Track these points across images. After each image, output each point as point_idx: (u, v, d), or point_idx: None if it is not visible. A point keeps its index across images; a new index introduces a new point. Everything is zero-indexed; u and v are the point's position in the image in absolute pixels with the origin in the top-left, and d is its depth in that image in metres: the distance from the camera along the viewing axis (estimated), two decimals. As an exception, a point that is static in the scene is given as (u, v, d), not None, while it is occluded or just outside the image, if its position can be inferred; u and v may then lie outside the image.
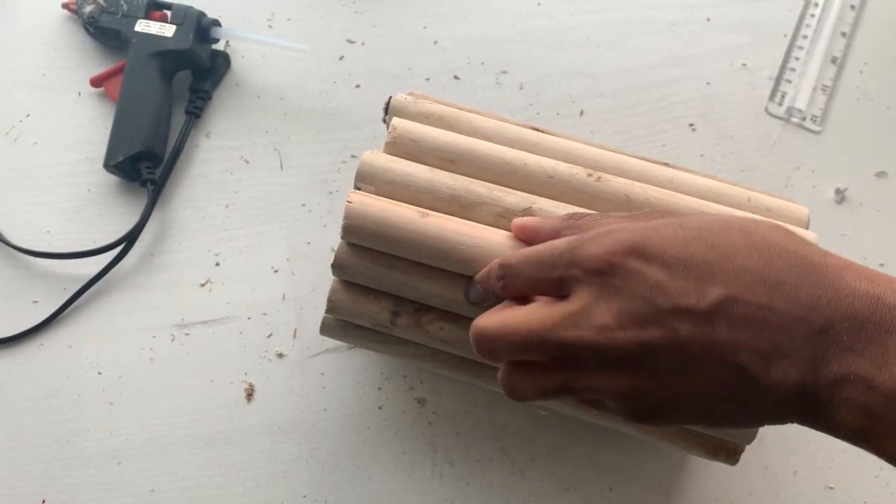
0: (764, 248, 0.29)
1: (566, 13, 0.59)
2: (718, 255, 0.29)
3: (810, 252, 0.29)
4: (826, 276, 0.28)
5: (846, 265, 0.29)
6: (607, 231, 0.30)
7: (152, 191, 0.52)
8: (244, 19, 0.58)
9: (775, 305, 0.28)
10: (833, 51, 0.57)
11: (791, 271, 0.28)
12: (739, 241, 0.29)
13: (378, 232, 0.37)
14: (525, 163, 0.40)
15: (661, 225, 0.30)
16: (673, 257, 0.28)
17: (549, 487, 0.47)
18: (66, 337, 0.50)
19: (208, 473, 0.47)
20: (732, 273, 0.28)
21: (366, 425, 0.48)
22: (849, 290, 0.28)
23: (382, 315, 0.39)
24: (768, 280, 0.28)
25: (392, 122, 0.41)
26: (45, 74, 0.56)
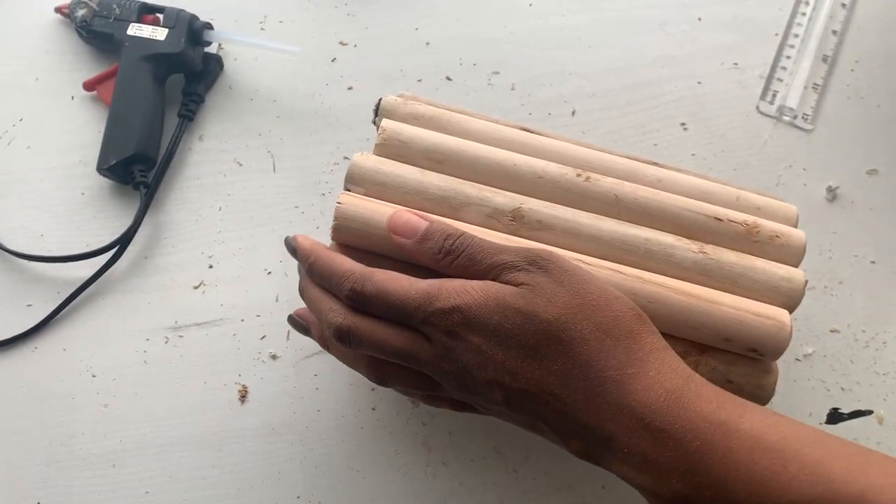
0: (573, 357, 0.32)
1: (558, 13, 0.59)
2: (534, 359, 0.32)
3: (612, 372, 0.32)
4: (616, 402, 0.31)
5: (641, 387, 0.31)
6: (449, 309, 0.33)
7: (145, 194, 0.52)
8: (236, 22, 0.58)
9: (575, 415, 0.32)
10: (824, 49, 0.57)
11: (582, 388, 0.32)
12: (546, 345, 0.32)
13: (367, 232, 0.37)
14: (514, 163, 0.40)
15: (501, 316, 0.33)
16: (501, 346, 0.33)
17: (542, 486, 0.47)
18: (60, 340, 0.50)
19: (202, 475, 0.47)
20: (535, 370, 0.32)
21: (359, 426, 0.48)
22: (631, 418, 0.31)
23: None
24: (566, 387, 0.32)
25: (381, 124, 0.41)
26: (38, 78, 0.57)
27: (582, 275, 0.33)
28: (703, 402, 0.30)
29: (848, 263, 0.51)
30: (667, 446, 0.30)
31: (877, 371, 0.49)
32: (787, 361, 0.49)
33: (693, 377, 0.32)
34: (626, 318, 0.33)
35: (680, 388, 0.31)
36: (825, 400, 0.49)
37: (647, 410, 0.30)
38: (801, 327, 0.50)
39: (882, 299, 0.51)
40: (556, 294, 0.32)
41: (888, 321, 0.50)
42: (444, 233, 0.35)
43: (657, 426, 0.30)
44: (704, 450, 0.29)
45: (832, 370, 0.49)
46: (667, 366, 0.32)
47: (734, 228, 0.40)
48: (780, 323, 0.37)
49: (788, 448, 0.29)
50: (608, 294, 0.33)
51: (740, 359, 0.38)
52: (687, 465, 0.29)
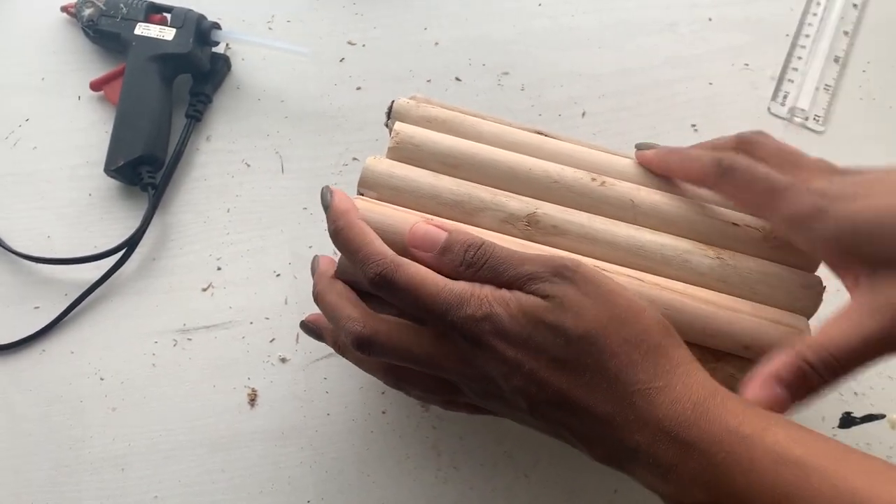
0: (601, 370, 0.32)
1: (567, 14, 0.59)
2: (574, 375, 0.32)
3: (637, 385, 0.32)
4: (644, 415, 0.31)
5: (668, 400, 0.31)
6: (480, 318, 0.33)
7: (153, 195, 0.51)
8: (244, 22, 0.58)
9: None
10: (835, 50, 0.57)
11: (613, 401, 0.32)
12: (575, 359, 0.32)
13: (385, 238, 0.37)
14: (529, 168, 0.40)
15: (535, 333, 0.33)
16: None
17: (553, 491, 0.46)
18: (68, 343, 0.50)
19: (212, 479, 0.47)
20: (574, 384, 0.32)
21: (369, 430, 0.48)
22: (658, 430, 0.31)
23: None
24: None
25: (395, 128, 0.40)
26: (45, 78, 0.56)
27: (608, 285, 0.33)
28: (729, 415, 0.30)
29: (860, 266, 0.51)
30: (692, 458, 0.30)
31: (889, 375, 0.49)
32: (799, 365, 0.49)
33: (718, 390, 0.32)
34: (654, 332, 0.33)
35: (706, 400, 0.31)
36: (838, 404, 0.48)
37: (673, 423, 0.30)
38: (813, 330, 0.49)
39: (894, 303, 0.50)
40: (585, 308, 0.32)
41: (900, 325, 0.50)
42: (464, 244, 0.35)
43: (683, 438, 0.30)
44: (729, 462, 0.29)
45: (844, 374, 0.49)
46: (693, 379, 0.32)
47: (751, 234, 0.39)
48: (798, 330, 0.37)
49: (812, 462, 0.29)
50: (636, 306, 0.33)
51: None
52: (711, 476, 0.30)
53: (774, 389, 0.33)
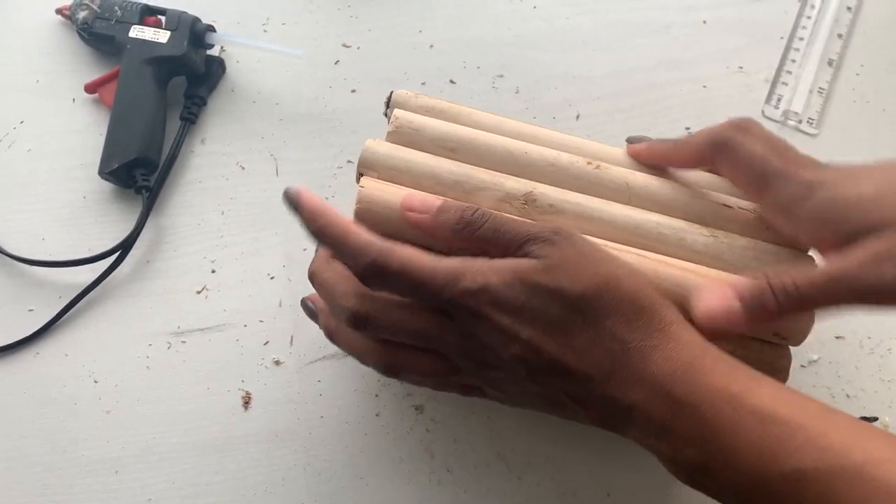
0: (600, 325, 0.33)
1: (562, 16, 0.59)
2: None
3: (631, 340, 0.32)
4: (638, 372, 0.32)
5: (661, 358, 0.32)
6: (476, 290, 0.33)
7: (147, 198, 0.52)
8: (239, 24, 0.58)
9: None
10: (829, 53, 0.57)
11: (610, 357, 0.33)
12: (572, 321, 0.33)
13: (391, 216, 0.37)
14: (525, 151, 0.40)
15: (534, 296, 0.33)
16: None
17: (546, 493, 0.46)
18: (62, 345, 0.50)
19: (206, 482, 0.47)
20: (560, 345, 0.33)
21: (363, 432, 0.48)
22: (652, 387, 0.32)
23: None
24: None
25: (394, 112, 0.41)
26: (39, 80, 0.56)
27: (602, 249, 0.35)
28: (718, 374, 0.32)
29: (853, 269, 0.51)
30: (683, 415, 0.31)
31: (882, 378, 0.49)
32: (793, 368, 0.49)
33: (709, 350, 0.33)
34: (647, 291, 0.33)
35: (697, 359, 0.32)
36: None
37: (666, 379, 0.31)
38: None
39: (887, 305, 0.50)
40: (581, 267, 0.33)
41: (893, 328, 0.50)
42: (460, 206, 0.36)
43: (675, 395, 0.31)
44: (717, 420, 0.31)
45: (837, 377, 0.49)
46: (685, 338, 0.33)
47: (744, 216, 0.40)
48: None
49: (795, 420, 0.30)
50: (628, 267, 0.34)
51: (756, 342, 0.38)
52: (700, 434, 0.31)
53: (731, 301, 0.35)
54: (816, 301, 0.34)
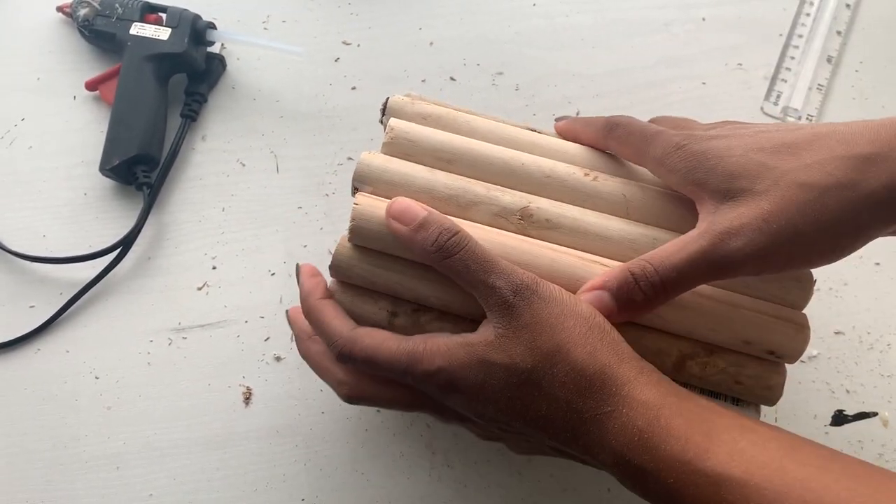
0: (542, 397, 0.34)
1: (562, 14, 0.59)
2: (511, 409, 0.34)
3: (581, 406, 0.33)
4: (598, 440, 0.33)
5: (617, 426, 0.32)
6: (434, 371, 0.35)
7: (148, 194, 0.52)
8: (239, 22, 0.58)
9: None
10: (828, 50, 0.57)
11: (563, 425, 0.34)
12: (529, 395, 0.34)
13: (385, 233, 0.37)
14: (522, 163, 0.40)
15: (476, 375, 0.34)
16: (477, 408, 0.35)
17: (547, 489, 0.47)
18: (63, 342, 0.50)
19: (207, 478, 0.47)
20: (525, 416, 0.34)
21: (364, 428, 0.48)
22: (613, 455, 0.33)
23: (380, 315, 0.39)
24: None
25: (389, 124, 0.41)
26: (40, 78, 0.56)
27: (560, 305, 0.34)
28: (672, 439, 0.31)
29: (853, 265, 0.51)
30: (648, 479, 0.32)
31: (881, 373, 0.49)
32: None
33: (662, 410, 0.32)
34: (600, 353, 0.33)
35: (650, 425, 0.32)
36: (830, 402, 0.49)
37: (624, 450, 0.32)
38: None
39: (887, 301, 0.51)
40: (534, 337, 0.33)
41: (893, 323, 0.50)
42: (440, 226, 0.35)
43: (636, 463, 0.32)
44: (678, 485, 0.31)
45: (837, 372, 0.49)
46: (638, 399, 0.32)
47: None
48: (798, 325, 0.37)
49: (750, 482, 0.30)
50: (581, 325, 0.34)
51: (750, 360, 0.38)
52: (667, 495, 0.31)
53: (600, 294, 0.35)
54: (680, 285, 0.34)
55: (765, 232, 0.32)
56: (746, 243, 0.33)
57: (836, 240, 0.33)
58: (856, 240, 0.34)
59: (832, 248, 0.34)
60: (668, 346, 0.38)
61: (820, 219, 0.32)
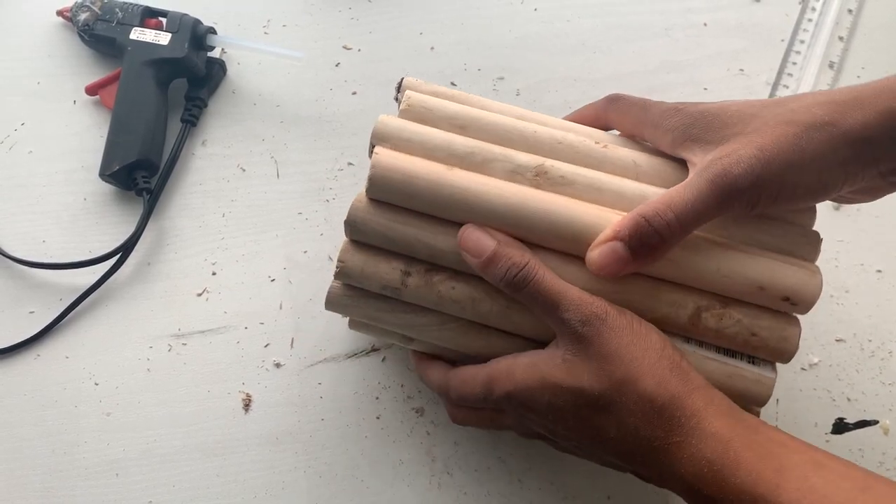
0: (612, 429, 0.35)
1: (563, 18, 0.59)
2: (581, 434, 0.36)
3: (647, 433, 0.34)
4: (668, 469, 0.34)
5: (686, 456, 0.33)
6: (509, 393, 0.37)
7: (148, 200, 0.52)
8: (240, 26, 0.58)
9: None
10: (830, 55, 0.57)
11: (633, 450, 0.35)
12: (598, 419, 0.35)
13: (405, 182, 0.37)
14: (535, 130, 0.41)
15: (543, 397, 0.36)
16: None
17: (547, 496, 0.46)
18: (63, 347, 0.50)
19: (206, 484, 0.47)
20: (595, 438, 0.36)
21: (363, 435, 0.48)
22: (683, 484, 0.33)
23: (393, 275, 0.39)
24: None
25: (406, 92, 0.42)
26: (40, 83, 0.56)
27: (629, 335, 0.35)
28: (743, 473, 0.32)
29: (854, 272, 0.51)
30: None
31: (883, 381, 0.49)
32: (793, 371, 0.49)
33: (732, 442, 0.33)
34: (670, 383, 0.34)
35: (721, 457, 0.32)
36: (831, 410, 0.48)
37: (694, 480, 0.33)
38: (806, 336, 0.49)
39: (888, 308, 0.50)
40: (602, 366, 0.34)
41: (894, 330, 0.50)
42: (508, 260, 0.36)
43: (706, 494, 0.32)
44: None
45: (838, 380, 0.49)
46: (709, 431, 0.33)
47: None
48: (811, 271, 0.38)
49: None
50: (651, 355, 0.35)
51: (764, 312, 0.38)
52: None
53: (613, 245, 0.36)
54: (693, 221, 0.35)
55: (760, 160, 0.34)
56: (746, 169, 0.34)
57: (820, 173, 0.35)
58: (839, 176, 0.35)
59: (818, 181, 0.35)
60: (683, 298, 0.38)
61: (805, 150, 0.34)
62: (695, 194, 0.35)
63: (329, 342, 0.49)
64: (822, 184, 0.35)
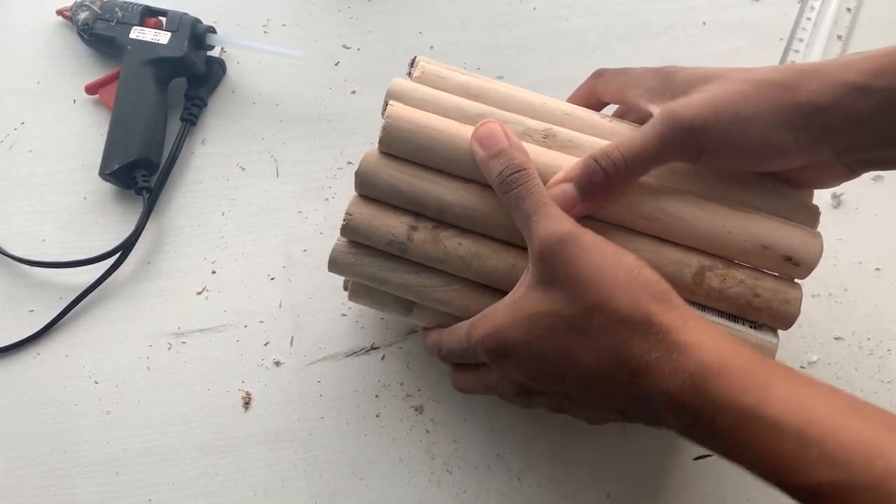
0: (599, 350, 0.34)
1: (562, 18, 0.59)
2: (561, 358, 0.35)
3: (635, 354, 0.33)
4: (652, 387, 0.33)
5: (668, 371, 0.32)
6: (484, 336, 0.37)
7: (148, 199, 0.52)
8: (239, 25, 0.58)
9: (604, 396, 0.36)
10: (829, 54, 0.57)
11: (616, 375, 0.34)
12: (574, 344, 0.34)
13: (417, 133, 0.38)
14: (543, 102, 0.42)
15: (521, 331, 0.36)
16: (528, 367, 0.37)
17: (546, 494, 0.46)
18: (63, 346, 0.50)
19: (205, 483, 0.47)
20: (573, 370, 0.35)
21: (363, 433, 0.48)
22: (668, 400, 0.32)
23: (400, 229, 0.40)
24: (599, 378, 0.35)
25: (420, 63, 0.43)
26: (40, 82, 0.56)
27: (601, 255, 0.35)
28: (727, 383, 0.31)
29: (852, 270, 0.51)
30: (702, 423, 0.31)
31: (882, 379, 0.49)
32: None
33: (714, 353, 0.32)
34: (645, 301, 0.33)
35: (703, 369, 0.31)
36: (830, 408, 0.48)
37: (678, 394, 0.32)
38: (805, 335, 0.50)
39: (886, 307, 0.50)
40: (574, 287, 0.34)
41: (893, 329, 0.50)
42: (510, 160, 0.37)
43: (691, 407, 0.31)
44: (732, 431, 0.31)
45: (836, 378, 0.49)
46: (689, 344, 0.32)
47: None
48: (812, 234, 0.39)
49: (810, 433, 0.29)
50: (622, 275, 0.34)
51: (766, 275, 0.39)
52: (721, 440, 0.31)
53: (563, 187, 0.37)
54: (641, 163, 0.37)
55: (708, 107, 0.36)
56: (694, 113, 0.36)
57: (768, 132, 0.36)
58: (789, 141, 0.36)
59: (765, 139, 0.36)
60: (687, 257, 0.39)
61: (756, 106, 0.35)
62: (642, 136, 0.37)
63: (328, 340, 0.49)
64: (771, 145, 0.36)
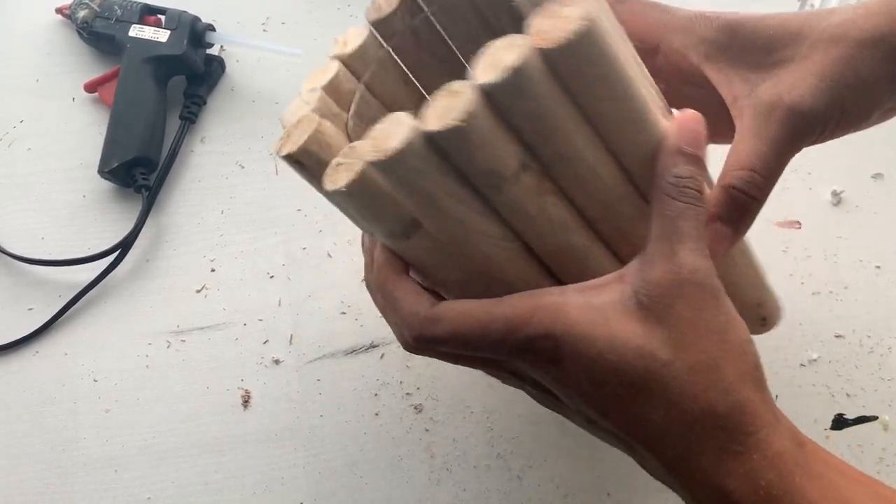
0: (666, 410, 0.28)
1: (562, 16, 0.59)
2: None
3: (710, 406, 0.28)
4: (712, 478, 0.28)
5: (742, 472, 0.28)
6: (545, 332, 0.29)
7: (147, 197, 0.52)
8: (239, 23, 0.58)
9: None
10: (829, 52, 0.57)
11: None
12: (650, 393, 0.28)
13: (615, 63, 0.29)
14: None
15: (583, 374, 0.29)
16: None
17: (546, 493, 0.46)
18: (62, 344, 0.50)
19: (205, 481, 0.47)
20: (627, 415, 0.29)
21: (362, 431, 0.48)
22: (722, 499, 0.28)
23: (509, 163, 0.29)
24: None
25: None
26: (39, 80, 0.56)
27: (727, 314, 0.29)
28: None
29: (853, 268, 0.51)
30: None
31: (882, 376, 0.49)
32: (792, 367, 0.49)
33: (798, 467, 0.28)
34: (748, 384, 0.28)
35: (783, 482, 0.27)
36: (830, 406, 0.48)
37: (742, 499, 0.27)
38: (805, 332, 0.49)
39: (887, 304, 0.50)
40: (687, 335, 0.28)
41: (893, 326, 0.50)
42: (700, 174, 0.30)
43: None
44: None
45: (837, 376, 0.49)
46: (775, 450, 0.28)
47: None
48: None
49: None
50: (739, 346, 0.29)
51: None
52: None
53: (718, 229, 0.32)
54: (777, 169, 0.32)
55: (823, 90, 0.31)
56: (812, 104, 0.31)
57: (873, 93, 0.32)
58: (887, 94, 0.33)
59: (870, 101, 0.33)
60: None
61: (860, 72, 0.32)
62: (768, 144, 0.31)
63: (328, 339, 0.49)
64: (874, 104, 0.33)
